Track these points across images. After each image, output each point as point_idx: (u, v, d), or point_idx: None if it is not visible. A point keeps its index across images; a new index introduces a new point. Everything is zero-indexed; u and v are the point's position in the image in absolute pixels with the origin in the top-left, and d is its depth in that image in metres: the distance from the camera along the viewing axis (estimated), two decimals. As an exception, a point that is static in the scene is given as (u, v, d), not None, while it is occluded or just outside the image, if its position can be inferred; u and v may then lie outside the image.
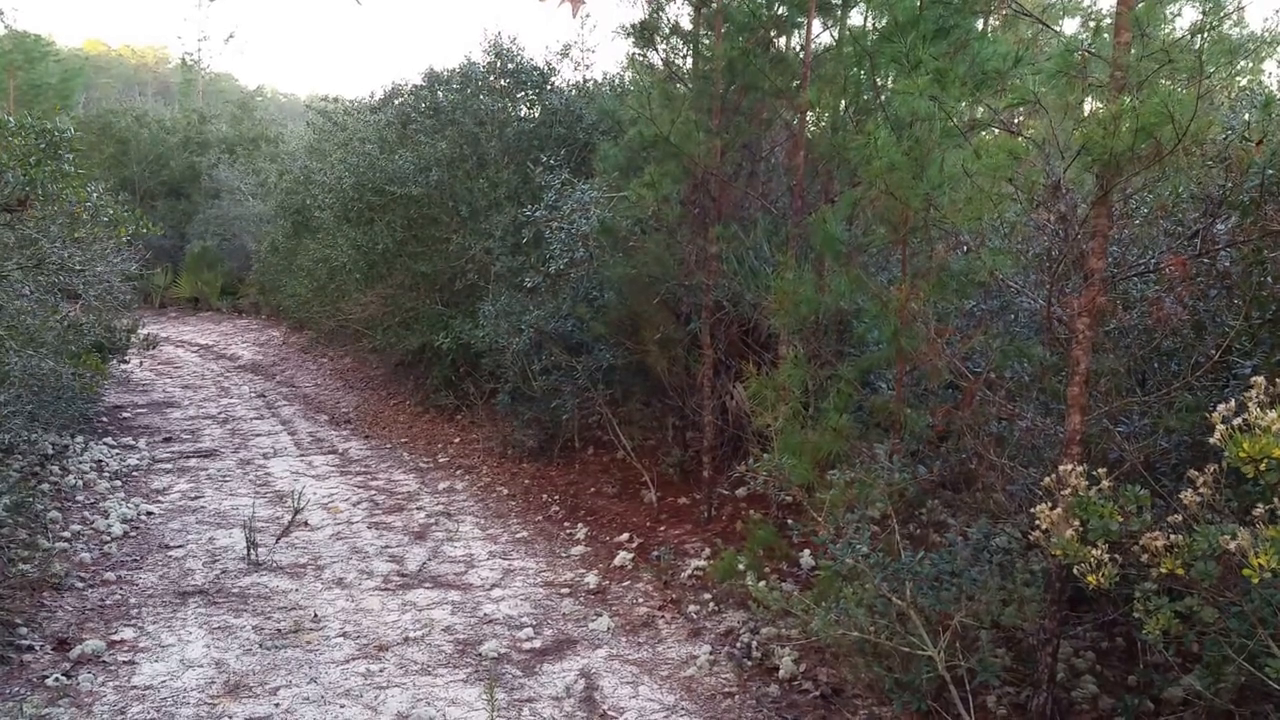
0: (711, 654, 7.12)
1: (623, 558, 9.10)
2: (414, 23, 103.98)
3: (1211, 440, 3.83)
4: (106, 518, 10.01)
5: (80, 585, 8.27)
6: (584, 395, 11.41)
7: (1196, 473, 4.12)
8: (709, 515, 9.88)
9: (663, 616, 7.92)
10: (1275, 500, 3.76)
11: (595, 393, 11.28)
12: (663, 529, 9.92)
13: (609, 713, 6.30)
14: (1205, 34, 5.34)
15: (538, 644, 7.37)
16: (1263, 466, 3.69)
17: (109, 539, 9.48)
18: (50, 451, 11.91)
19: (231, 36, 66.83)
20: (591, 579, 8.65)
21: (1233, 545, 3.76)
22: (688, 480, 10.92)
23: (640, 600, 8.26)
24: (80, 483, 11.17)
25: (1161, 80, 5.18)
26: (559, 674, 6.86)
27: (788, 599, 6.50)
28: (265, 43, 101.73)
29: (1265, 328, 5.70)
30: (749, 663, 7.00)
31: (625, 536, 9.73)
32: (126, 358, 16.30)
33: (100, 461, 12.28)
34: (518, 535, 10.07)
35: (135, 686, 6.52)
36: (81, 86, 36.41)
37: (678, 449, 11.27)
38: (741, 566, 7.66)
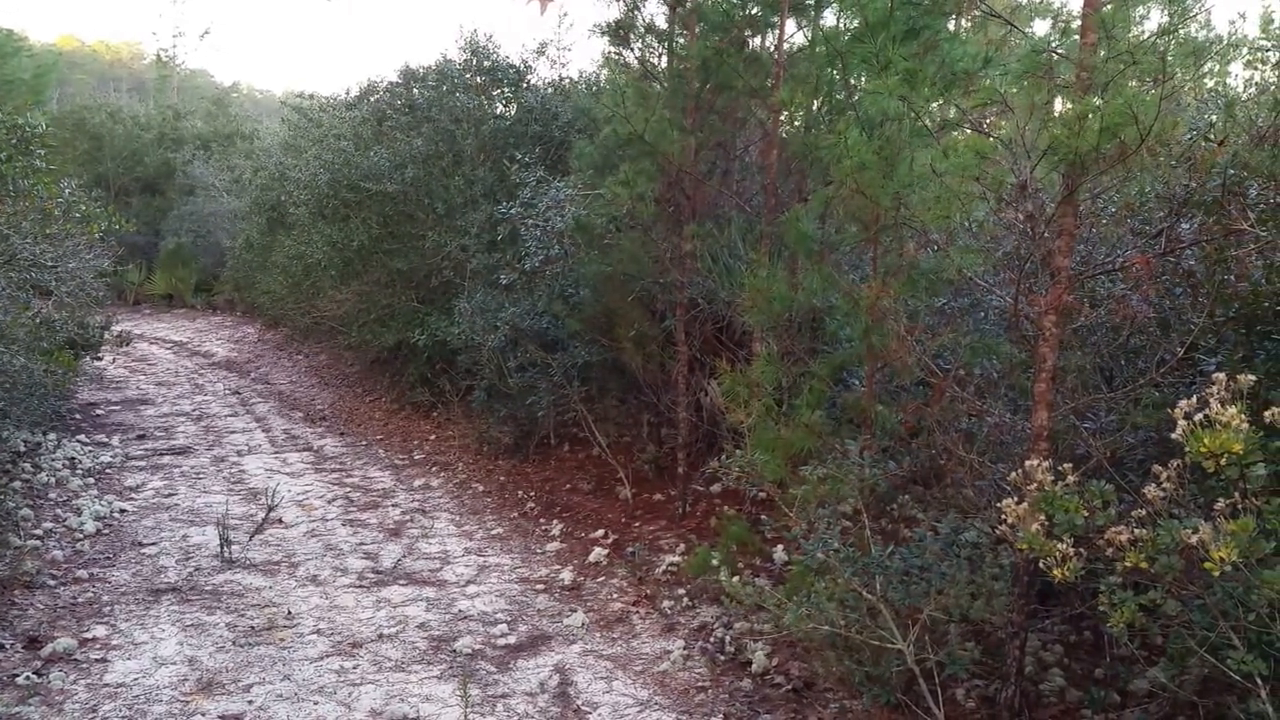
0: (685, 649, 7.16)
1: (598, 554, 9.13)
2: (390, 20, 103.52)
3: (1175, 436, 3.90)
4: (79, 515, 9.94)
5: (52, 583, 8.22)
6: (559, 392, 11.43)
7: (1161, 468, 4.19)
8: (683, 511, 9.93)
9: (637, 612, 7.96)
10: (1236, 495, 3.83)
11: (571, 390, 11.30)
12: (638, 525, 9.96)
13: (583, 708, 6.33)
14: (1170, 36, 5.42)
15: (512, 640, 7.39)
16: (1223, 461, 3.75)
17: (81, 536, 9.42)
18: (22, 449, 11.80)
19: (207, 33, 66.63)
20: (566, 575, 8.68)
21: (1195, 539, 3.82)
22: (663, 476, 10.96)
23: (615, 596, 8.30)
24: (53, 480, 11.09)
25: (1129, 81, 5.24)
26: (533, 670, 6.88)
27: (760, 594, 6.54)
28: (241, 39, 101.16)
29: (1229, 325, 5.79)
30: (722, 657, 7.04)
31: (600, 533, 9.76)
32: (100, 355, 16.17)
33: (73, 459, 12.20)
34: (493, 532, 10.08)
35: (107, 684, 6.50)
36: (55, 82, 35.97)
37: (653, 445, 11.31)
38: (715, 562, 7.68)
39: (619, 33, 9.85)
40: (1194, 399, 3.86)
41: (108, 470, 12.11)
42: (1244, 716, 4.30)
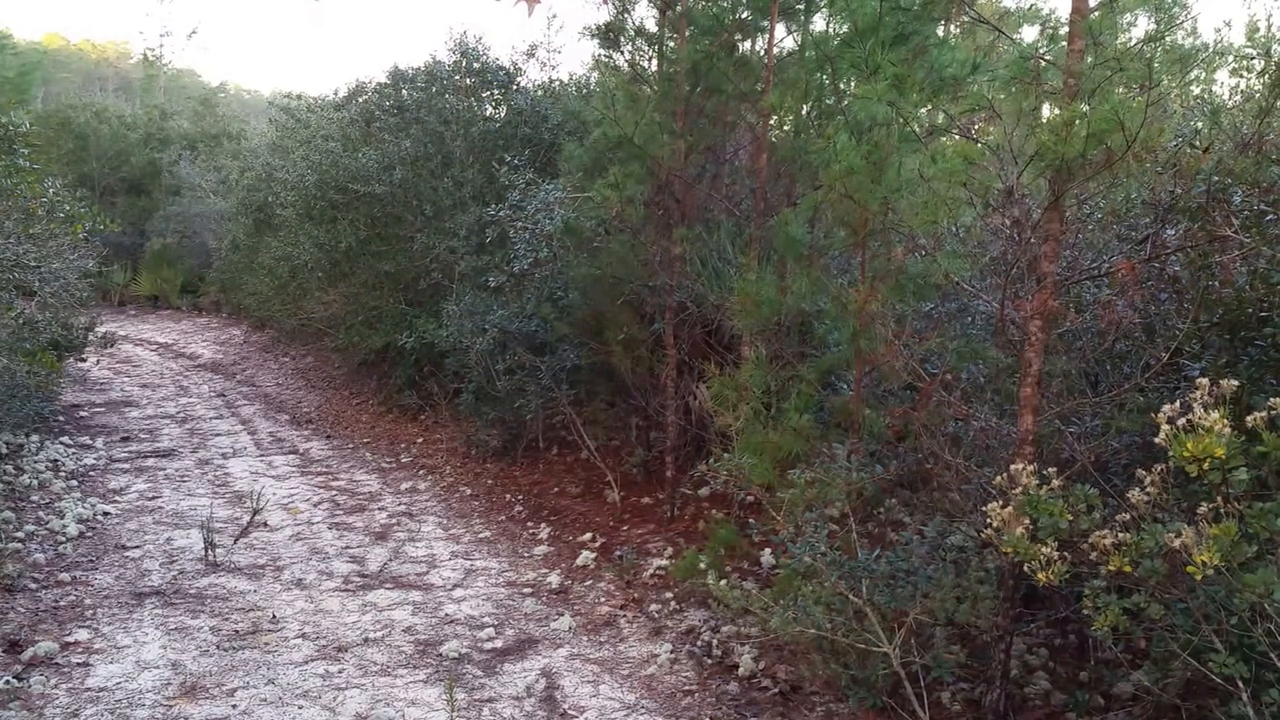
0: (672, 652, 7.16)
1: (585, 557, 9.12)
2: (379, 20, 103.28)
3: (1158, 440, 3.92)
4: (62, 518, 9.88)
5: (34, 586, 8.16)
6: (548, 395, 11.41)
7: (1145, 472, 4.21)
8: (671, 515, 9.92)
9: (624, 615, 7.95)
10: (1219, 499, 3.85)
11: (559, 393, 11.28)
12: (625, 528, 9.95)
13: (569, 712, 6.32)
14: (1157, 43, 5.46)
15: (499, 644, 7.37)
16: (1206, 466, 3.78)
17: (64, 539, 9.36)
18: (4, 451, 11.72)
19: (194, 32, 66.30)
20: (554, 578, 8.67)
21: (1178, 543, 3.84)
22: (651, 480, 10.95)
23: (602, 599, 8.29)
24: (35, 482, 11.01)
25: (1116, 88, 5.28)
26: (520, 673, 6.86)
27: (748, 597, 6.55)
28: (228, 39, 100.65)
29: (1213, 331, 5.83)
30: (709, 661, 7.04)
31: (588, 536, 9.75)
32: (84, 356, 16.08)
33: (56, 461, 12.12)
34: (480, 535, 10.06)
35: (89, 688, 6.45)
36: (39, 81, 35.83)
37: (641, 449, 11.31)
38: (703, 565, 7.71)
39: (609, 35, 9.86)
40: (1178, 404, 3.88)
41: (91, 472, 12.04)
42: (1226, 719, 4.32)
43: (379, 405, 15.97)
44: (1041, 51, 5.56)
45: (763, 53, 9.39)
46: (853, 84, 7.83)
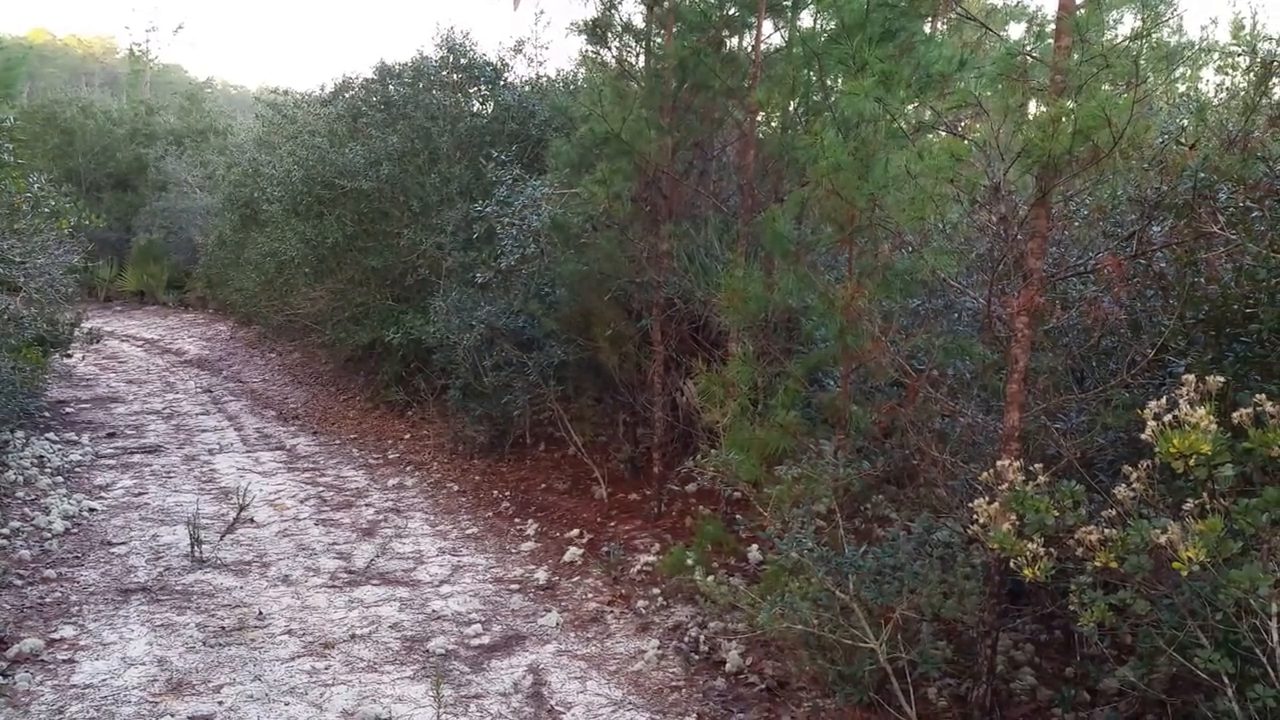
0: (659, 648, 7.16)
1: (573, 553, 9.11)
2: (365, 16, 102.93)
3: (1144, 436, 3.93)
4: (47, 514, 9.82)
5: (19, 583, 8.11)
6: (535, 391, 11.40)
7: (1131, 468, 4.22)
8: (659, 511, 9.92)
9: (611, 612, 7.94)
10: (1204, 495, 3.86)
11: (547, 389, 11.27)
12: (613, 525, 9.94)
13: (556, 708, 6.31)
14: (1143, 40, 5.47)
15: (486, 640, 7.36)
16: (1191, 462, 3.79)
17: (49, 536, 9.30)
18: (-12, 447, 11.66)
19: (181, 28, 66.09)
20: (541, 575, 8.66)
21: (1164, 539, 3.85)
22: (638, 476, 10.95)
23: (589, 596, 8.28)
24: (20, 479, 10.94)
25: (1103, 85, 5.29)
26: (507, 670, 6.86)
27: (735, 593, 6.56)
28: (215, 34, 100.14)
29: (1199, 327, 5.85)
30: (696, 657, 7.04)
31: (575, 532, 9.74)
32: (69, 352, 16.01)
33: (42, 457, 12.05)
34: (468, 531, 10.04)
35: (75, 685, 6.42)
36: (25, 76, 35.46)
37: (628, 445, 11.30)
38: (690, 561, 7.70)
39: (596, 31, 9.83)
40: (1163, 400, 3.89)
41: (77, 469, 11.97)
42: (1211, 715, 4.34)
43: (366, 401, 15.92)
44: (1028, 48, 5.57)
45: (750, 49, 9.39)
46: (840, 80, 7.84)
